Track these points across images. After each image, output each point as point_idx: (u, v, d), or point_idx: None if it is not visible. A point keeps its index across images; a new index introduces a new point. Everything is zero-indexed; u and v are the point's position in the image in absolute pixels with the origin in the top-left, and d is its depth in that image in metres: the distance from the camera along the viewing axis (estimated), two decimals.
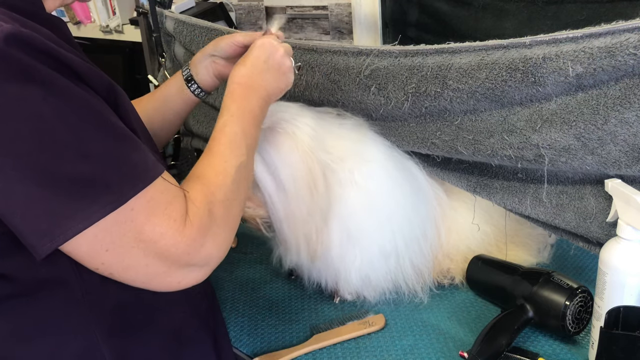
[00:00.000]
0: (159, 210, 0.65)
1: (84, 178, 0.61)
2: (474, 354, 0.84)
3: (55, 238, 0.60)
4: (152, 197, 0.65)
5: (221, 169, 0.76)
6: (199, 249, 0.68)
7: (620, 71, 0.72)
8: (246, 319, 1.03)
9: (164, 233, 0.65)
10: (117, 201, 0.62)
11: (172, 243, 0.66)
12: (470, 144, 0.91)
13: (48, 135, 0.59)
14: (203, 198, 0.71)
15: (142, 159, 0.66)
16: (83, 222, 0.60)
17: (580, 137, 0.79)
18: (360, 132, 1.00)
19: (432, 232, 1.04)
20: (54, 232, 0.60)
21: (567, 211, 0.88)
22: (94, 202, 0.61)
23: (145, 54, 1.52)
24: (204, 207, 0.70)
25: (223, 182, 0.75)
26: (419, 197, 1.02)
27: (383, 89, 0.96)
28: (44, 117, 0.59)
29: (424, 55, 0.91)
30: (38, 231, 0.60)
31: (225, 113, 0.81)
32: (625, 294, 0.76)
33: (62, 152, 0.60)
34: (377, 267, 1.00)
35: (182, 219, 0.67)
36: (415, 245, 1.01)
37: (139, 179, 0.64)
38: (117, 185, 0.62)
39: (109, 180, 0.62)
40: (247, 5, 1.99)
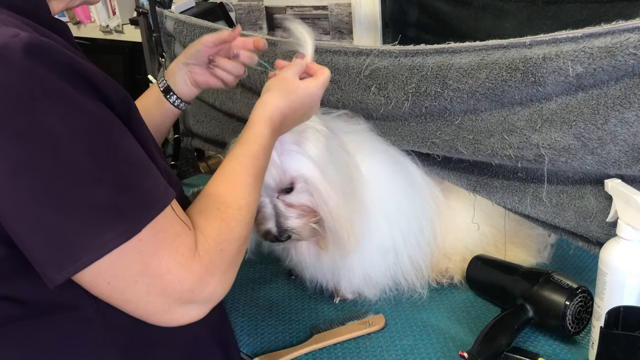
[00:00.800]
0: (167, 242, 0.62)
1: (98, 204, 0.58)
2: (474, 354, 0.84)
3: (65, 270, 0.57)
4: (161, 229, 0.62)
5: (244, 204, 0.72)
6: (204, 287, 0.65)
7: (621, 71, 0.72)
8: (246, 319, 1.03)
9: (171, 268, 0.62)
10: (131, 230, 0.59)
11: (177, 279, 0.62)
12: (470, 144, 0.91)
13: (65, 158, 0.56)
14: (218, 235, 0.68)
15: (154, 185, 0.63)
16: (95, 253, 0.58)
17: (580, 137, 0.79)
18: (359, 133, 1.01)
19: (428, 227, 1.04)
20: (65, 263, 0.57)
21: (567, 210, 0.88)
22: (108, 231, 0.58)
23: (145, 54, 1.52)
24: (217, 245, 0.67)
25: (244, 218, 0.71)
26: (415, 192, 1.02)
27: (383, 88, 0.97)
28: (61, 139, 0.56)
29: (424, 55, 0.91)
30: (50, 260, 0.57)
31: (262, 142, 0.77)
32: (625, 294, 0.76)
33: (78, 177, 0.57)
34: (377, 264, 1.00)
35: (190, 254, 0.64)
36: (412, 239, 1.01)
37: (152, 207, 0.61)
38: (131, 212, 0.59)
39: (123, 207, 0.59)
40: (247, 5, 1.99)
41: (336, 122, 0.99)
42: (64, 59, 0.58)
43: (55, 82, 0.57)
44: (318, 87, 0.84)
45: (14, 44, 0.55)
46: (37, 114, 0.55)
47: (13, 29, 0.57)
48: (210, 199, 0.72)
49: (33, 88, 0.55)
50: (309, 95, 0.83)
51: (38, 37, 0.57)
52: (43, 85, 0.56)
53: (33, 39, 0.56)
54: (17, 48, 0.55)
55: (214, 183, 0.74)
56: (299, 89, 0.82)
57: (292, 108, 0.81)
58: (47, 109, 0.56)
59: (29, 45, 0.55)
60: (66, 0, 0.73)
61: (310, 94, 0.83)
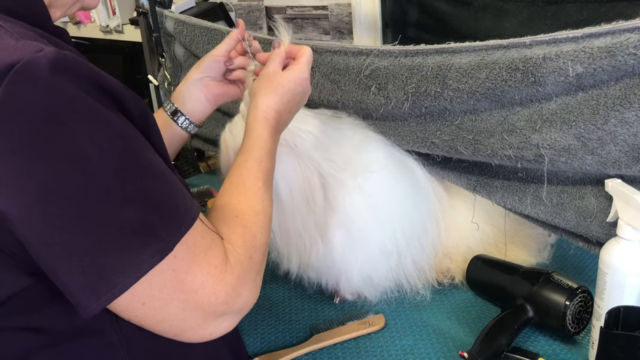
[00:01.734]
0: (199, 257, 0.61)
1: (131, 225, 0.56)
2: (474, 354, 0.84)
3: (102, 296, 0.55)
4: (193, 243, 0.60)
5: (260, 209, 0.71)
6: (237, 298, 0.64)
7: (620, 71, 0.72)
8: (246, 319, 1.03)
9: (205, 282, 0.61)
10: (165, 248, 0.57)
11: (212, 292, 0.61)
12: (470, 144, 0.91)
13: (95, 180, 0.54)
14: (244, 242, 0.67)
15: (181, 199, 0.62)
16: (132, 275, 0.56)
17: (580, 137, 0.79)
18: (359, 133, 1.00)
19: (432, 228, 1.04)
20: (102, 290, 0.55)
21: (567, 210, 0.88)
22: (142, 252, 0.56)
23: (145, 54, 1.52)
24: (245, 253, 0.66)
25: (263, 223, 0.70)
26: (419, 193, 1.02)
27: (383, 88, 0.97)
28: (90, 160, 0.54)
29: (424, 55, 0.91)
30: (85, 289, 0.55)
31: (263, 145, 0.76)
32: (625, 294, 0.76)
33: (108, 199, 0.55)
34: (378, 266, 1.00)
35: (222, 265, 0.63)
36: (416, 242, 1.01)
37: (182, 222, 0.60)
38: (163, 230, 0.58)
39: (155, 226, 0.57)
40: (247, 5, 1.99)
41: (341, 132, 0.99)
42: (88, 73, 0.57)
43: (83, 100, 0.55)
44: (302, 71, 0.83)
45: (39, 60, 0.53)
46: (65, 134, 0.53)
47: (36, 44, 0.55)
48: (225, 209, 0.71)
49: (61, 107, 0.53)
50: (296, 84, 0.82)
51: (62, 51, 0.55)
52: (71, 104, 0.54)
53: (59, 54, 0.54)
54: (43, 65, 0.53)
55: (225, 194, 0.73)
56: (285, 81, 0.81)
57: (284, 102, 0.80)
58: (76, 129, 0.54)
59: (56, 60, 0.53)
60: (64, 8, 0.72)
61: (297, 81, 0.82)
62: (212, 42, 1.27)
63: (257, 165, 0.74)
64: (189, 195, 0.64)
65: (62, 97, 0.54)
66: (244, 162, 0.74)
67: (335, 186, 0.94)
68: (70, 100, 0.54)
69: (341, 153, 0.96)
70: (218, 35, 1.25)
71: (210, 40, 1.27)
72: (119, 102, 0.60)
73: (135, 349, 0.68)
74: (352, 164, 0.96)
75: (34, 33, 0.59)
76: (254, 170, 0.74)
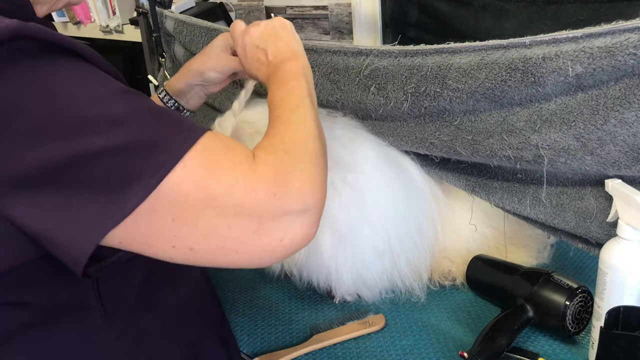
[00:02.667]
0: (218, 157, 0.56)
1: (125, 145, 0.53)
2: (474, 354, 0.84)
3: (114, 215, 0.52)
4: (205, 146, 0.56)
5: (283, 120, 0.67)
6: (286, 188, 0.57)
7: (620, 71, 0.72)
8: (246, 319, 1.03)
9: (234, 181, 0.55)
10: (170, 160, 0.54)
11: (248, 189, 0.56)
12: (469, 145, 0.91)
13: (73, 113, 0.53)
14: (270, 143, 0.63)
15: (186, 121, 0.59)
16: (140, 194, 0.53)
17: (579, 137, 0.79)
18: (351, 132, 1.00)
19: (428, 228, 1.03)
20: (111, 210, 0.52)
21: (567, 211, 0.88)
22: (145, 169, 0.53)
23: (145, 54, 1.52)
24: (275, 147, 0.62)
25: (286, 128, 0.66)
26: (413, 193, 1.01)
27: (382, 88, 0.96)
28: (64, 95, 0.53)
29: (423, 55, 0.91)
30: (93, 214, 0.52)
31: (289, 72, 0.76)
32: (625, 294, 0.76)
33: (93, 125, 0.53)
34: (371, 266, 0.99)
35: (249, 160, 0.58)
36: (410, 242, 1.00)
37: (188, 135, 0.56)
38: (166, 143, 0.54)
39: (154, 140, 0.54)
40: (247, 5, 1.99)
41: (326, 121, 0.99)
42: (54, 38, 0.55)
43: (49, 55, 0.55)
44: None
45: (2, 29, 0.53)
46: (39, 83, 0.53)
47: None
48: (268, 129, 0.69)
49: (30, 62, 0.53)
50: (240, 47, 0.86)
51: (25, 23, 0.55)
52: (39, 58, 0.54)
53: (20, 23, 0.53)
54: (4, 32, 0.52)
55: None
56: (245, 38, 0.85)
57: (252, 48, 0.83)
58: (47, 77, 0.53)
59: (17, 28, 0.53)
60: (50, 3, 0.72)
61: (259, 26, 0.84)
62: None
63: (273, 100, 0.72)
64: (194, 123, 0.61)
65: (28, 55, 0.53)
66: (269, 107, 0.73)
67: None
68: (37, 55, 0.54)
69: (329, 152, 0.95)
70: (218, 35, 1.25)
71: (210, 40, 1.26)
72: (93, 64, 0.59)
73: (119, 331, 0.69)
74: (341, 163, 0.96)
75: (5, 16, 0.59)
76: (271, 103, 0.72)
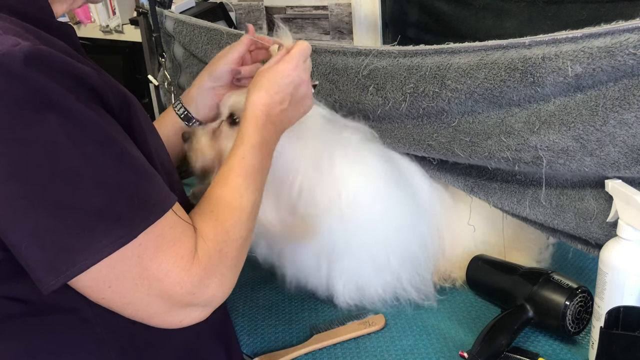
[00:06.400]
0: (166, 246, 0.63)
1: (96, 210, 0.58)
2: (474, 354, 0.84)
3: (61, 274, 0.58)
4: (160, 233, 0.63)
5: (237, 204, 0.73)
6: (204, 290, 0.66)
7: (620, 71, 0.72)
8: (246, 319, 1.03)
9: (170, 271, 0.63)
10: (128, 235, 0.60)
11: (177, 282, 0.63)
12: (467, 146, 0.91)
13: (62, 164, 0.57)
14: (215, 236, 0.68)
15: (154, 190, 0.64)
16: (91, 257, 0.58)
17: (578, 138, 0.79)
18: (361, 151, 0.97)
19: (432, 241, 1.02)
20: (61, 268, 0.57)
21: (567, 212, 0.88)
22: (104, 236, 0.58)
23: (145, 54, 1.52)
24: (215, 246, 0.68)
25: (239, 219, 0.72)
26: (417, 206, 1.00)
27: (381, 89, 0.96)
28: (58, 145, 0.57)
29: (423, 55, 0.91)
30: (44, 265, 0.58)
31: (246, 141, 0.77)
32: (625, 294, 0.76)
33: (75, 182, 0.57)
34: (372, 281, 0.98)
35: (189, 257, 0.65)
36: (412, 258, 0.98)
37: (151, 212, 0.62)
38: (129, 218, 0.60)
39: (120, 213, 0.59)
40: (247, 5, 1.99)
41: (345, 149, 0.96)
42: (62, 66, 0.59)
43: (53, 89, 0.57)
44: (290, 62, 0.81)
45: (14, 53, 0.55)
46: (35, 122, 0.56)
47: (14, 38, 0.57)
48: (207, 201, 0.73)
49: (32, 97, 0.56)
50: (282, 75, 0.80)
51: (38, 45, 0.58)
52: (42, 94, 0.57)
53: (33, 48, 0.57)
54: (17, 57, 0.55)
55: (212, 185, 0.75)
56: (271, 74, 0.80)
57: (271, 95, 0.79)
58: (45, 118, 0.57)
59: (29, 54, 0.56)
60: (69, 2, 0.73)
61: (283, 72, 0.80)
62: (211, 42, 1.26)
63: (239, 162, 0.76)
64: (165, 189, 0.65)
65: (32, 88, 0.56)
66: (230, 157, 0.76)
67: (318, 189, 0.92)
68: (40, 90, 0.56)
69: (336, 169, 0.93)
70: (218, 35, 1.25)
71: (209, 40, 1.27)
72: (96, 93, 0.62)
73: (112, 328, 0.70)
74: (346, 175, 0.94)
75: (22, 29, 0.61)
76: (236, 166, 0.75)
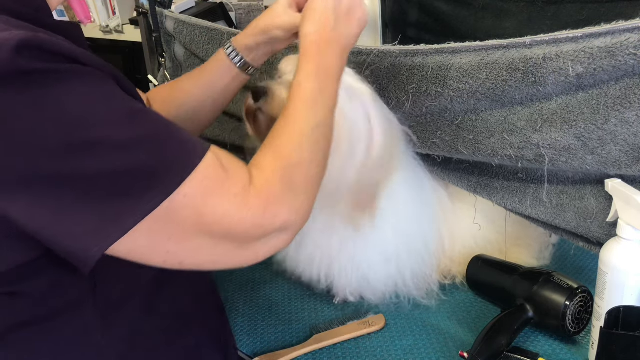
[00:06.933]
0: (214, 189, 0.60)
1: (126, 171, 0.56)
2: (474, 354, 0.84)
3: (112, 235, 0.56)
4: (204, 177, 0.60)
5: (294, 129, 0.70)
6: (272, 219, 0.63)
7: (621, 71, 0.72)
8: (246, 319, 1.03)
9: (227, 211, 0.61)
10: (167, 190, 0.57)
11: (237, 220, 0.61)
12: (470, 144, 0.91)
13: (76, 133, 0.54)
14: (273, 164, 0.66)
15: (185, 137, 0.61)
16: (134, 215, 0.56)
17: (580, 136, 0.79)
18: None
19: (434, 235, 1.03)
20: (107, 229, 0.56)
21: (567, 211, 0.88)
22: (145, 193, 0.56)
23: (145, 54, 1.52)
24: (275, 174, 0.65)
25: (298, 144, 0.69)
26: (423, 198, 1.01)
27: (384, 89, 0.96)
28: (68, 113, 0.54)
29: (424, 55, 0.91)
30: (94, 230, 0.55)
31: (301, 72, 0.74)
32: (625, 294, 0.76)
33: (96, 148, 0.55)
34: (378, 270, 0.99)
35: (244, 192, 0.62)
36: (417, 249, 1.00)
37: (187, 160, 0.59)
38: (165, 171, 0.58)
39: (154, 167, 0.57)
40: (247, 5, 1.99)
41: None
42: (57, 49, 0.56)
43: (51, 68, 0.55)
44: None
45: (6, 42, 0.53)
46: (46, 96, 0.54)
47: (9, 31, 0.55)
48: (265, 141, 0.71)
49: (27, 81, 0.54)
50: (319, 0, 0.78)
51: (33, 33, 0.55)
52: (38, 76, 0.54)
53: (27, 35, 0.54)
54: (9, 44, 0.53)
55: (270, 131, 0.73)
56: (310, 3, 0.79)
57: (314, 23, 0.77)
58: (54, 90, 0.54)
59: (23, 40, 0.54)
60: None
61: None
62: (212, 42, 1.26)
63: (295, 91, 0.73)
64: (193, 136, 0.63)
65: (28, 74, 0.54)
66: (288, 98, 0.74)
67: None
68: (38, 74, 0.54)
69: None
70: (218, 35, 1.25)
71: (210, 40, 1.27)
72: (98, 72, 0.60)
73: (112, 334, 0.69)
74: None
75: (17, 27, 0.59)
76: (292, 95, 0.73)
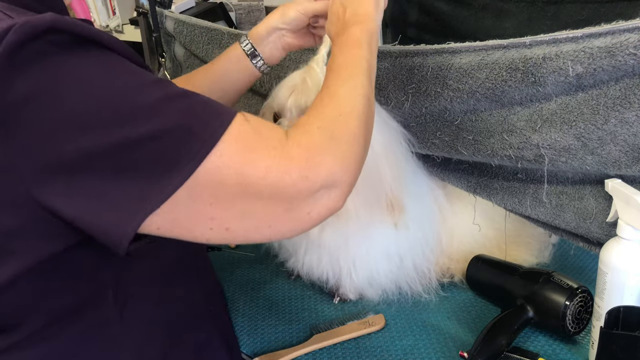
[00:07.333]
0: (251, 144, 0.58)
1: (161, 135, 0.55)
2: (474, 354, 0.84)
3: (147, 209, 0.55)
4: (239, 133, 0.58)
5: (326, 94, 0.68)
6: (316, 168, 0.60)
7: (620, 71, 0.72)
8: (246, 319, 1.03)
9: (269, 165, 0.58)
10: (204, 149, 0.56)
11: (282, 172, 0.58)
12: (470, 144, 0.91)
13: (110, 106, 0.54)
14: (308, 120, 0.64)
15: (210, 100, 0.60)
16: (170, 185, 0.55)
17: (580, 137, 0.79)
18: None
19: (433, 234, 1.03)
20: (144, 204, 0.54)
21: (567, 212, 0.88)
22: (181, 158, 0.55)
23: (145, 54, 1.52)
24: (311, 126, 0.63)
25: (330, 100, 0.67)
26: (423, 199, 1.02)
27: (383, 89, 0.97)
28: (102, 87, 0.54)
29: (424, 55, 0.91)
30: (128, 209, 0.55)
31: (333, 50, 0.75)
32: (625, 294, 0.76)
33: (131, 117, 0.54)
34: (380, 267, 0.99)
35: (282, 143, 0.60)
36: (418, 248, 1.00)
37: (218, 118, 0.58)
38: (199, 131, 0.56)
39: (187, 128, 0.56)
40: (247, 5, 1.99)
41: None
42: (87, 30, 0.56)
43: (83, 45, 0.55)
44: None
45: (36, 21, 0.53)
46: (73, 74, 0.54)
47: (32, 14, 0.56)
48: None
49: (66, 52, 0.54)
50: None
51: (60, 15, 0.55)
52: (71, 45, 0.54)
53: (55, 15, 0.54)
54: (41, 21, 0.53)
55: None
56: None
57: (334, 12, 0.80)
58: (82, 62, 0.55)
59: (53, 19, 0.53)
60: None
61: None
62: (212, 42, 1.27)
63: (331, 66, 0.73)
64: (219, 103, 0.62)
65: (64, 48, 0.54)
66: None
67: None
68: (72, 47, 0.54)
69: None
70: (218, 35, 1.25)
71: (210, 40, 1.27)
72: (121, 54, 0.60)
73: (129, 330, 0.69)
74: None
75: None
76: (331, 66, 0.73)
